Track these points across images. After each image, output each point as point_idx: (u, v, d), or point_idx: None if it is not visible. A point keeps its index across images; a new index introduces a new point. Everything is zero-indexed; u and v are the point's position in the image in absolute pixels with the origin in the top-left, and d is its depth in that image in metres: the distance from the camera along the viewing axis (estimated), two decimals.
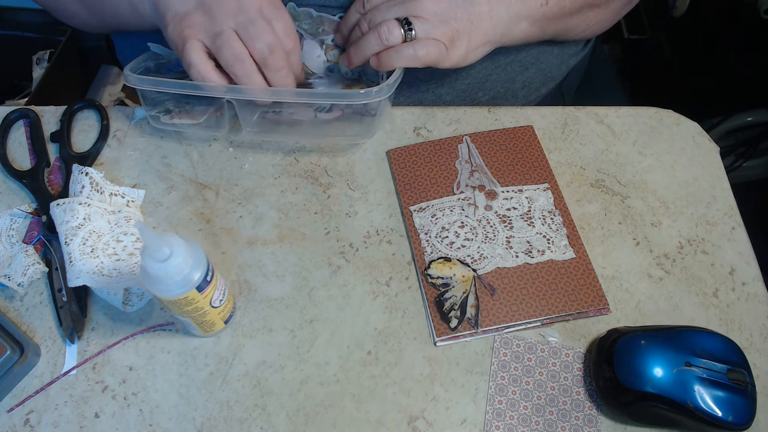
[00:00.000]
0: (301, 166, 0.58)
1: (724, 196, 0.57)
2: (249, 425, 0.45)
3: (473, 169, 0.57)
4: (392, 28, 0.50)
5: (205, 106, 0.57)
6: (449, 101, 0.65)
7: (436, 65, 0.52)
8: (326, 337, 0.49)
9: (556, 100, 0.78)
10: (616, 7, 0.62)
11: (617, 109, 0.62)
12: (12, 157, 0.58)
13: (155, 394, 0.46)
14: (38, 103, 0.63)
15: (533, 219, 0.54)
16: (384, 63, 0.51)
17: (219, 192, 0.56)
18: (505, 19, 0.53)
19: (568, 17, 0.58)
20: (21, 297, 0.51)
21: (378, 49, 0.51)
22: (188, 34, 0.49)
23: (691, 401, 0.42)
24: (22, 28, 1.37)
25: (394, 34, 0.50)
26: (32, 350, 0.47)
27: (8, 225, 0.54)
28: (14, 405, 0.46)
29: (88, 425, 0.45)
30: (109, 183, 0.55)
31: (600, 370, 0.46)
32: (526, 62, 0.65)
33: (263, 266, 0.52)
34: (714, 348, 0.44)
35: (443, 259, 0.52)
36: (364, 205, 0.56)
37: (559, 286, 0.50)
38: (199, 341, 0.49)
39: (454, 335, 0.48)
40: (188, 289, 0.40)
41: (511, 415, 0.46)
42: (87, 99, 0.62)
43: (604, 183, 0.57)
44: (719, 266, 0.53)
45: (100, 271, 0.49)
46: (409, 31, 0.50)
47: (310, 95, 0.53)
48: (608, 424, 0.46)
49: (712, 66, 1.32)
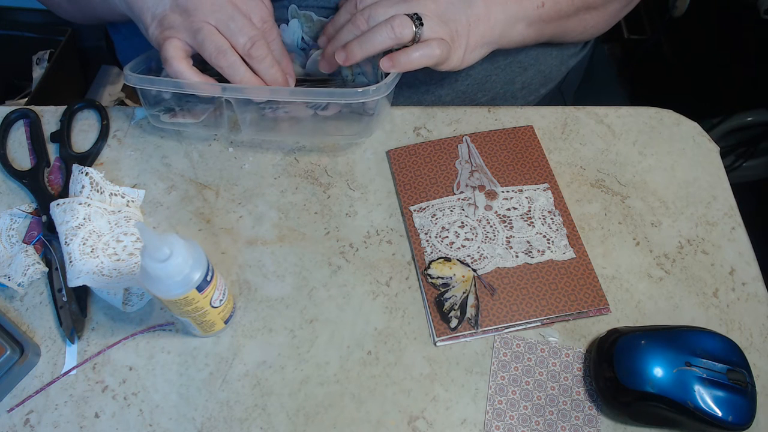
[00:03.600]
0: (301, 166, 0.58)
1: (724, 196, 0.57)
2: (249, 425, 0.45)
3: (473, 169, 0.57)
4: (406, 22, 0.48)
5: (205, 105, 0.57)
6: (449, 102, 0.65)
7: (436, 66, 0.51)
8: (326, 337, 0.49)
9: (555, 100, 0.78)
10: (614, 9, 0.62)
11: (617, 109, 0.62)
12: (12, 157, 0.58)
13: (155, 394, 0.46)
14: (38, 103, 0.63)
15: (533, 219, 0.54)
16: (402, 63, 0.49)
17: (219, 192, 0.56)
18: (502, 21, 0.53)
19: (565, 19, 0.58)
20: (21, 297, 0.51)
21: (390, 43, 0.49)
22: (168, 34, 0.50)
23: (691, 401, 0.42)
24: (22, 28, 1.37)
25: (406, 29, 0.48)
26: (32, 350, 0.47)
27: (8, 225, 0.54)
28: (14, 405, 0.46)
29: (88, 425, 0.45)
30: (109, 183, 0.55)
31: (600, 370, 0.46)
32: (526, 63, 0.65)
33: (263, 266, 0.52)
34: (714, 348, 0.44)
35: (443, 259, 0.52)
36: (364, 205, 0.56)
37: (559, 286, 0.50)
38: (199, 341, 0.49)
39: (454, 335, 0.48)
40: (188, 289, 0.40)
41: (511, 415, 0.46)
42: (87, 99, 0.62)
43: (604, 183, 0.57)
44: (719, 266, 0.53)
45: (100, 271, 0.49)
46: (420, 26, 0.49)
47: (307, 93, 0.52)
48: (608, 424, 0.46)
49: (712, 66, 1.32)
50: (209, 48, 0.49)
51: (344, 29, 0.52)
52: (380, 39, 0.49)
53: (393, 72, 0.50)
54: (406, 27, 0.48)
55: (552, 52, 0.67)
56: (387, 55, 0.50)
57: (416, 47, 0.49)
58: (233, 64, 0.49)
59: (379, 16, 0.50)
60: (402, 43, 0.50)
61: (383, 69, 0.50)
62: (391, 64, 0.49)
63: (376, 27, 0.49)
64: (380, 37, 0.49)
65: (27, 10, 1.37)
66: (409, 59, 0.49)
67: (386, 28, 0.48)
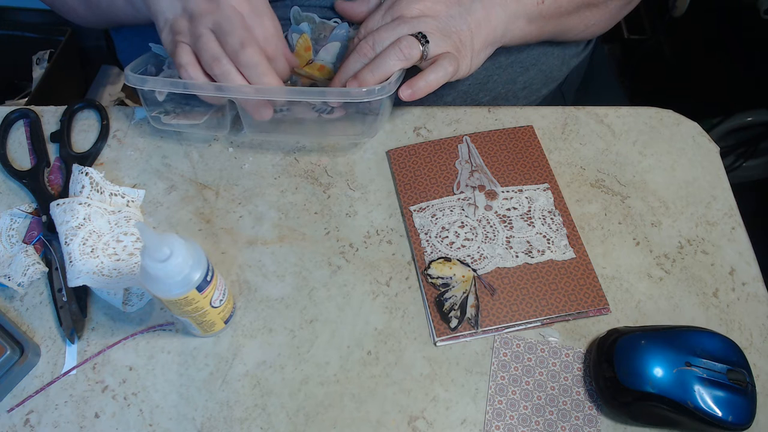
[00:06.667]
0: (301, 166, 0.58)
1: (724, 196, 0.57)
2: (249, 425, 0.45)
3: (473, 169, 0.57)
4: (413, 43, 0.49)
5: (206, 107, 0.57)
6: (450, 102, 0.65)
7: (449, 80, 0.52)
8: (326, 337, 0.49)
9: (556, 100, 0.78)
10: (615, 7, 0.62)
11: (617, 109, 0.62)
12: (12, 157, 0.58)
13: (155, 394, 0.46)
14: (38, 103, 0.63)
15: (533, 219, 0.54)
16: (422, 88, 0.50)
17: (219, 192, 0.56)
18: (503, 20, 0.54)
19: (565, 16, 0.58)
20: (21, 297, 0.51)
21: (400, 65, 0.49)
22: (178, 39, 0.50)
23: (691, 401, 0.42)
24: (22, 28, 1.37)
25: (414, 49, 0.49)
26: (32, 350, 0.47)
27: (8, 225, 0.54)
28: (14, 405, 0.46)
29: (88, 425, 0.45)
30: (109, 183, 0.55)
31: (600, 370, 0.46)
32: (527, 63, 0.65)
33: (263, 266, 0.52)
34: (714, 348, 0.44)
35: (443, 259, 0.52)
36: (364, 205, 0.56)
37: (559, 286, 0.50)
38: (199, 341, 0.49)
39: (454, 335, 0.48)
40: (188, 289, 0.40)
41: (511, 415, 0.46)
42: (87, 99, 0.62)
43: (604, 183, 0.57)
44: (719, 266, 0.53)
45: (100, 271, 0.49)
46: (426, 44, 0.50)
47: (312, 94, 0.52)
48: (608, 424, 0.46)
49: (712, 66, 1.32)
50: (205, 57, 0.49)
51: (351, 59, 0.52)
52: (391, 63, 0.49)
53: (396, 71, 0.50)
54: (413, 48, 0.49)
55: (554, 52, 0.67)
56: (405, 83, 0.50)
57: (431, 70, 0.50)
58: (225, 72, 0.49)
59: (384, 41, 0.50)
60: (411, 63, 0.50)
61: (403, 98, 0.50)
62: (411, 92, 0.50)
63: (385, 52, 0.50)
64: (390, 60, 0.49)
65: (27, 10, 1.37)
66: (427, 83, 0.50)
67: (395, 51, 0.49)
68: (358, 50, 0.51)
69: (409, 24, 0.50)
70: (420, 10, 0.51)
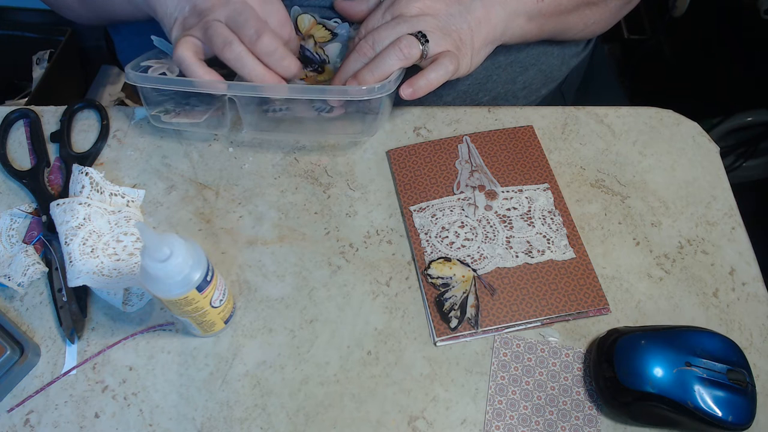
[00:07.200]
0: (301, 166, 0.58)
1: (724, 196, 0.57)
2: (249, 425, 0.45)
3: (473, 169, 0.57)
4: (412, 42, 0.49)
5: (207, 106, 0.57)
6: (449, 102, 0.65)
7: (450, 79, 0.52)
8: (326, 337, 0.49)
9: (556, 100, 0.78)
10: (615, 6, 0.62)
11: (617, 109, 0.62)
12: (12, 157, 0.58)
13: (155, 394, 0.46)
14: (38, 103, 0.63)
15: (533, 219, 0.54)
16: (423, 87, 0.50)
17: (219, 192, 0.56)
18: (503, 18, 0.54)
19: (565, 14, 0.58)
20: (21, 297, 0.51)
21: (400, 64, 0.49)
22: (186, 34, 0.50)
23: (691, 401, 0.42)
24: (22, 28, 1.37)
25: (414, 48, 0.49)
26: (32, 350, 0.47)
27: (8, 225, 0.54)
28: (14, 405, 0.46)
29: (88, 425, 0.45)
30: (109, 183, 0.55)
31: (600, 370, 0.46)
32: (527, 63, 0.65)
33: (263, 266, 0.52)
34: (714, 348, 0.44)
35: (443, 259, 0.52)
36: (364, 205, 0.56)
37: (559, 286, 0.50)
38: (199, 341, 0.49)
39: (454, 335, 0.48)
40: (188, 289, 0.40)
41: (511, 415, 0.46)
42: (87, 99, 0.62)
43: (604, 183, 0.57)
44: (719, 266, 0.53)
45: (100, 271, 0.49)
46: (426, 43, 0.49)
47: (312, 91, 0.52)
48: (608, 424, 0.46)
49: (712, 66, 1.32)
50: (217, 42, 0.49)
51: (350, 58, 0.52)
52: (390, 62, 0.49)
53: (396, 70, 0.50)
54: (413, 47, 0.49)
55: (553, 52, 0.67)
56: (405, 82, 0.50)
57: (431, 68, 0.50)
58: (239, 55, 0.48)
59: (383, 40, 0.50)
60: (411, 63, 0.50)
61: (404, 97, 0.50)
62: (412, 90, 0.50)
63: (385, 51, 0.50)
64: (390, 60, 0.49)
65: (27, 10, 1.37)
66: (428, 82, 0.50)
67: (394, 50, 0.49)
68: (358, 50, 0.51)
69: (409, 23, 0.50)
70: (420, 9, 0.51)
